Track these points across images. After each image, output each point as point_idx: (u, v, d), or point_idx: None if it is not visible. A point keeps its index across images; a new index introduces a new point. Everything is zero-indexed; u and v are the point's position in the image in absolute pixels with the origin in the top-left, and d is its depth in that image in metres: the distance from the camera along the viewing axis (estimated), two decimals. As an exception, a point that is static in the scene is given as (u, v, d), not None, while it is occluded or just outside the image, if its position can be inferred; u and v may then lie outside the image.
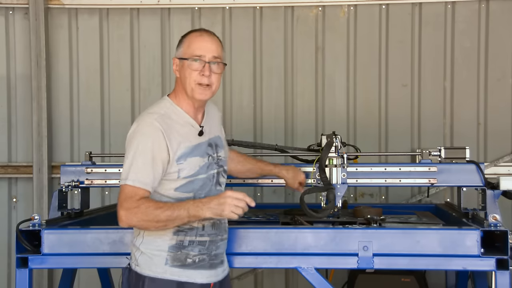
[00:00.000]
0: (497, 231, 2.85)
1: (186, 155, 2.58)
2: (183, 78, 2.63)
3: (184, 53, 2.63)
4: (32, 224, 3.04)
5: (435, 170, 3.44)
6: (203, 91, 2.61)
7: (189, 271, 2.60)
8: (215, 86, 2.64)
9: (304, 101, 5.36)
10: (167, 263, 2.59)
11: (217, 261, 2.70)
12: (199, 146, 2.62)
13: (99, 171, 3.65)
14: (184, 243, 2.60)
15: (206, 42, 2.62)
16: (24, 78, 5.45)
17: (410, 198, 5.25)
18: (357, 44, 5.34)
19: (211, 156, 2.67)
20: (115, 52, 5.47)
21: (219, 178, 2.72)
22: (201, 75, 2.59)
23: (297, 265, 2.95)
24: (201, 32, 2.67)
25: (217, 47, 2.64)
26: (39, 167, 5.31)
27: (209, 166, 2.65)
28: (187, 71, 2.60)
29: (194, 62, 2.59)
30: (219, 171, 2.71)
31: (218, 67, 2.63)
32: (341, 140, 3.45)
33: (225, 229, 2.74)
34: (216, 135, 2.76)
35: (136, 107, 5.44)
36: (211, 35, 2.66)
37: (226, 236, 2.77)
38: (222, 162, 2.74)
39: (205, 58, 2.60)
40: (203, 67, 2.59)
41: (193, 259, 2.61)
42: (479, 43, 5.24)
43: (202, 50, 2.60)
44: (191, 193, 2.60)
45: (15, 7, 5.47)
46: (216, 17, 5.40)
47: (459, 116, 5.25)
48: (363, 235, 2.93)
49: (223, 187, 2.75)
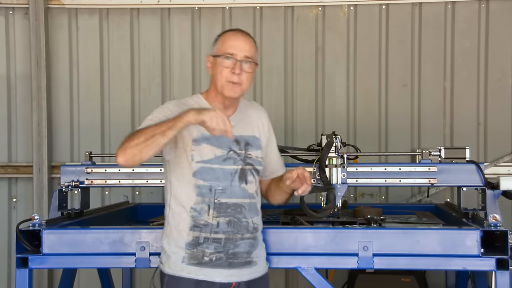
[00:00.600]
0: (497, 231, 2.85)
1: (202, 140, 2.62)
2: (214, 75, 2.69)
3: (218, 51, 2.68)
4: (32, 224, 3.04)
5: (435, 170, 3.44)
6: (233, 88, 2.65)
7: (206, 269, 2.60)
8: (245, 85, 2.67)
9: (304, 101, 5.35)
10: (184, 261, 2.61)
11: (239, 261, 2.64)
12: (220, 137, 2.61)
13: (99, 171, 3.65)
14: (200, 240, 2.60)
15: (240, 42, 2.67)
16: (24, 78, 5.45)
17: (410, 198, 5.25)
18: (357, 44, 5.34)
19: (234, 151, 2.67)
20: (115, 52, 5.47)
21: (246, 175, 2.68)
22: (231, 73, 2.63)
23: (297, 265, 2.95)
24: (236, 31, 2.73)
25: (250, 47, 2.69)
26: (39, 167, 5.31)
27: (228, 159, 2.65)
28: (219, 68, 2.65)
29: (226, 59, 2.64)
30: (245, 168, 2.68)
31: (250, 67, 2.67)
32: (341, 140, 3.45)
33: (247, 227, 2.66)
34: (249, 134, 2.75)
35: (136, 107, 5.44)
36: (245, 35, 2.71)
37: (250, 236, 2.67)
38: (251, 161, 2.71)
39: (237, 56, 2.64)
40: (234, 65, 2.63)
41: (210, 257, 2.60)
42: (479, 43, 5.24)
43: (234, 48, 2.65)
44: (208, 182, 2.61)
45: (15, 7, 5.47)
46: (216, 17, 5.40)
47: (459, 116, 5.25)
48: (363, 235, 2.93)
49: (254, 185, 2.70)
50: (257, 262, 2.72)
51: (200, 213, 2.61)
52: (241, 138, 2.71)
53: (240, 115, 2.77)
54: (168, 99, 5.38)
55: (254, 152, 2.74)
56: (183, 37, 5.44)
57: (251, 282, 2.69)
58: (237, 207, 2.64)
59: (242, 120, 2.76)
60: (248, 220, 2.67)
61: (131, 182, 3.69)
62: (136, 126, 5.34)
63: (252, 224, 2.69)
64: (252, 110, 2.84)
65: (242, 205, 2.65)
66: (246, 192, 2.67)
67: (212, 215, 2.61)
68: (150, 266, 3.00)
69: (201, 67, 5.39)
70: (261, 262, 2.76)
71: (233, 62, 2.63)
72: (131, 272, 4.71)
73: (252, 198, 2.70)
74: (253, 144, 2.75)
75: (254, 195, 2.71)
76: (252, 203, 2.69)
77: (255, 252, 2.71)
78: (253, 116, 2.82)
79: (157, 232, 3.00)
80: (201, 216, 2.61)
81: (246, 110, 2.81)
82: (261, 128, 2.83)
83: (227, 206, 2.63)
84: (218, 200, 2.62)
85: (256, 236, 2.72)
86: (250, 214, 2.67)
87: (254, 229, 2.70)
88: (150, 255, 2.98)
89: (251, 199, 2.68)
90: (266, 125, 2.86)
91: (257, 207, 2.74)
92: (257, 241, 2.73)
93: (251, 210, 2.67)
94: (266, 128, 2.85)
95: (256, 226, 2.71)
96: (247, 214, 2.65)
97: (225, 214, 2.62)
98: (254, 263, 2.70)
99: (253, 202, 2.69)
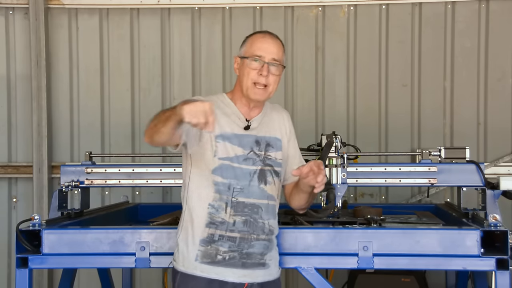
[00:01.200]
0: (497, 231, 2.85)
1: (224, 138, 2.62)
2: (241, 76, 2.69)
3: (246, 52, 2.68)
4: (32, 224, 3.04)
5: (435, 170, 3.44)
6: (259, 90, 2.65)
7: (219, 268, 2.59)
8: (272, 87, 2.67)
9: (304, 101, 5.35)
10: (197, 259, 2.60)
11: (253, 261, 2.64)
12: (241, 137, 2.64)
13: (99, 171, 3.66)
14: (215, 237, 2.60)
15: (268, 44, 2.68)
16: (24, 78, 5.45)
17: (410, 198, 5.24)
18: (357, 44, 5.34)
19: (254, 152, 2.67)
20: (115, 52, 5.47)
21: (266, 176, 2.68)
22: (258, 75, 2.63)
23: (297, 265, 2.95)
24: (265, 34, 2.74)
25: (278, 50, 2.69)
26: (39, 167, 5.31)
27: (247, 160, 2.65)
28: (246, 70, 2.65)
29: (253, 61, 2.64)
30: (264, 169, 2.68)
31: (277, 69, 2.67)
32: (341, 140, 3.45)
33: (262, 229, 2.65)
34: (272, 136, 2.74)
35: (136, 107, 5.44)
36: (274, 38, 2.72)
37: (266, 237, 2.67)
38: (271, 162, 2.71)
39: (265, 58, 2.64)
40: (262, 67, 2.63)
41: (223, 256, 2.60)
42: (479, 43, 5.23)
43: (262, 50, 2.65)
44: (227, 180, 2.61)
45: (15, 7, 5.46)
46: (216, 17, 5.40)
47: (459, 116, 5.25)
48: (363, 235, 2.93)
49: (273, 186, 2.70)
50: (270, 265, 2.71)
51: (217, 210, 2.61)
52: (262, 139, 2.71)
53: (264, 117, 2.77)
54: (168, 99, 5.39)
55: (274, 153, 2.73)
56: (183, 37, 5.44)
57: (265, 284, 2.68)
58: (254, 207, 2.64)
59: (265, 122, 2.76)
60: (265, 222, 2.66)
61: (131, 182, 3.69)
62: (136, 126, 5.42)
63: (268, 226, 2.68)
64: (276, 113, 2.83)
65: (259, 205, 2.64)
66: (264, 193, 2.66)
67: (230, 213, 2.61)
68: (150, 266, 3.00)
69: (201, 67, 5.39)
70: (275, 265, 2.75)
71: (260, 64, 2.64)
72: (131, 272, 4.71)
73: (271, 199, 2.69)
74: (274, 145, 2.74)
75: (273, 197, 2.71)
76: (270, 205, 2.68)
77: (269, 255, 2.70)
78: (277, 118, 2.82)
79: (157, 232, 3.01)
80: (218, 213, 2.61)
81: (271, 112, 2.81)
82: (283, 130, 2.82)
83: (244, 206, 2.62)
84: (236, 199, 2.61)
85: (271, 239, 2.72)
86: (267, 216, 2.67)
87: (270, 231, 2.69)
88: (150, 255, 2.98)
89: (269, 201, 2.68)
90: (288, 127, 2.84)
91: (275, 209, 2.73)
92: (272, 244, 2.73)
93: (268, 212, 2.67)
94: (288, 131, 2.84)
95: (272, 229, 2.70)
96: (263, 215, 2.65)
97: (242, 213, 2.62)
98: (267, 265, 2.69)
99: (271, 204, 2.69)
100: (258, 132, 2.70)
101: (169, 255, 2.80)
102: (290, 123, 2.86)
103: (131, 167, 3.71)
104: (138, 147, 5.40)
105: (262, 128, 2.73)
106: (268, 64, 2.64)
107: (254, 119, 2.72)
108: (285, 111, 2.89)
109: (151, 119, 2.49)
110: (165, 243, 2.97)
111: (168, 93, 5.41)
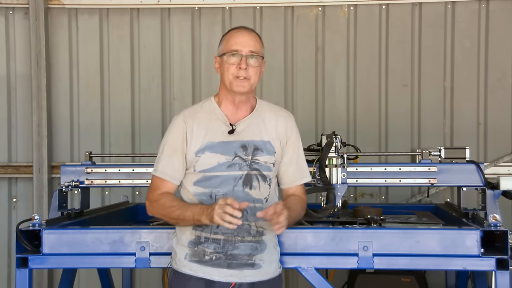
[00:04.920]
0: (497, 231, 2.85)
1: (206, 149, 2.64)
2: (222, 73, 2.70)
3: (223, 49, 2.69)
4: (32, 224, 3.04)
5: (435, 170, 3.44)
6: (240, 83, 2.66)
7: (207, 267, 2.63)
8: (253, 79, 2.69)
9: (304, 101, 5.35)
10: (187, 257, 2.66)
11: (238, 262, 2.64)
12: (225, 144, 2.64)
13: (99, 171, 3.66)
14: (201, 239, 2.65)
15: (244, 37, 2.68)
16: (24, 78, 5.45)
17: (410, 198, 5.25)
18: (357, 44, 5.34)
19: (239, 157, 2.65)
20: (115, 52, 5.47)
21: (252, 181, 2.67)
22: (238, 69, 2.64)
23: (297, 265, 2.95)
24: (240, 28, 2.73)
25: (255, 42, 2.68)
26: (39, 167, 5.31)
27: (232, 166, 2.64)
28: (225, 66, 2.66)
29: (231, 56, 2.65)
30: (250, 174, 2.66)
31: (256, 61, 2.67)
32: (341, 140, 3.46)
33: (248, 231, 2.64)
34: (260, 139, 2.70)
35: (136, 107, 5.44)
36: (249, 31, 2.72)
37: (253, 239, 2.66)
38: (258, 166, 2.68)
39: (242, 52, 2.64)
40: (240, 60, 2.64)
41: (210, 256, 2.63)
42: (479, 43, 5.24)
43: (239, 44, 2.65)
44: (208, 189, 2.65)
45: (15, 7, 5.47)
46: (216, 17, 5.40)
47: (459, 116, 5.25)
48: (363, 235, 2.93)
49: (258, 190, 2.68)
50: (262, 265, 2.69)
51: None
52: (249, 143, 2.69)
53: (254, 118, 2.74)
54: (168, 99, 5.39)
55: (263, 157, 2.70)
56: (183, 37, 5.44)
57: (256, 284, 2.68)
58: None
59: (254, 124, 2.73)
60: (251, 224, 2.65)
61: (131, 182, 3.69)
62: (136, 126, 5.42)
63: (256, 228, 2.67)
64: (271, 114, 2.78)
65: (245, 209, 2.61)
66: (249, 197, 2.65)
67: None
68: (150, 266, 3.00)
69: (201, 67, 5.39)
70: (269, 265, 2.73)
71: (238, 58, 2.64)
72: (131, 272, 4.71)
73: (258, 202, 2.67)
74: (264, 149, 2.70)
75: (260, 200, 2.69)
76: (257, 207, 2.66)
77: (260, 256, 2.68)
78: (269, 120, 2.76)
79: (157, 232, 3.01)
80: None
81: (264, 114, 2.77)
82: (279, 133, 2.76)
83: None
84: None
85: (262, 240, 2.69)
86: (254, 218, 2.64)
87: (258, 233, 2.68)
88: (150, 255, 2.98)
89: (255, 204, 2.66)
90: (285, 130, 2.77)
91: None
92: (263, 245, 2.70)
93: (254, 214, 2.63)
94: (286, 134, 2.77)
95: (261, 231, 2.68)
96: (249, 217, 2.64)
97: None
98: (257, 266, 2.68)
99: (258, 207, 2.66)
100: (245, 136, 2.68)
101: (169, 255, 2.80)
102: (290, 125, 2.79)
103: (131, 167, 3.72)
104: (138, 147, 5.40)
105: (249, 131, 2.70)
106: (246, 57, 2.64)
107: (241, 121, 2.70)
108: (286, 114, 2.83)
109: (163, 206, 2.67)
110: (165, 243, 2.97)
111: (168, 93, 5.41)
